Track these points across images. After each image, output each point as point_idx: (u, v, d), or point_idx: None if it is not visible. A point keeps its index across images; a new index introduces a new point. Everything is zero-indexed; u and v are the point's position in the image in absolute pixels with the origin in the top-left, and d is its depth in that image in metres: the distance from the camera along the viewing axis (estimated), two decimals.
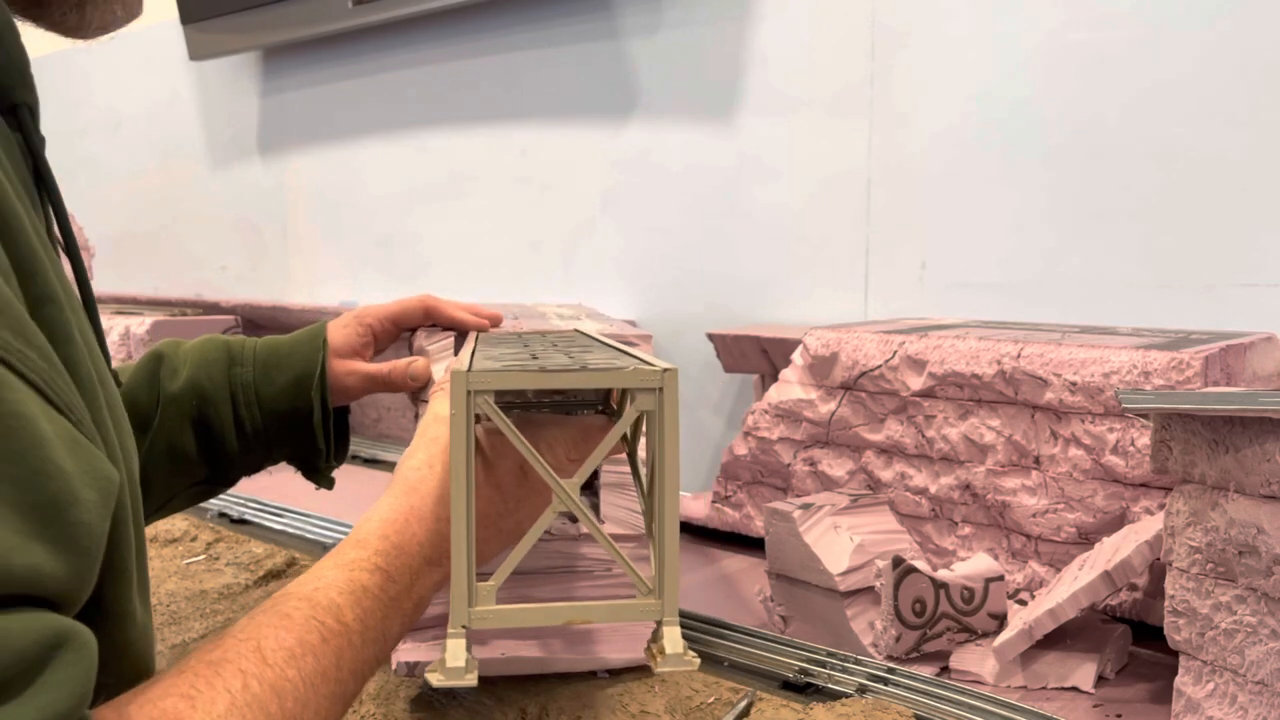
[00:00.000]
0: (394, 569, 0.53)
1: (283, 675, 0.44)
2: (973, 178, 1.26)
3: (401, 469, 0.59)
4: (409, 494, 0.57)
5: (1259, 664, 0.64)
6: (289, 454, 0.84)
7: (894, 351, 0.99)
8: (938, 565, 0.87)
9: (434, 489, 0.57)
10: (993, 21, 1.23)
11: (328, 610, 0.48)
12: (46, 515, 0.33)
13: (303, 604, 0.48)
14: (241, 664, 0.43)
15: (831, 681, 0.77)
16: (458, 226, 1.85)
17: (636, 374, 0.43)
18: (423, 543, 0.55)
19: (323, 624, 0.47)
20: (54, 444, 0.34)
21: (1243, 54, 1.07)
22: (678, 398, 0.43)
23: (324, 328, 0.83)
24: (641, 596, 0.47)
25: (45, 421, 0.34)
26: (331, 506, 1.18)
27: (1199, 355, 0.84)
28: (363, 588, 0.51)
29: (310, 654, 0.46)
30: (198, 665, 0.43)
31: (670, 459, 0.44)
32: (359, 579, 0.51)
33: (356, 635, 0.49)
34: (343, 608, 0.49)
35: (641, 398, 0.43)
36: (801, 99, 1.39)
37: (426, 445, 0.60)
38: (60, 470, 0.34)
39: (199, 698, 0.41)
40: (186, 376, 0.79)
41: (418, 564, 0.54)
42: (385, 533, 0.54)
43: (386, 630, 0.51)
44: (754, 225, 1.44)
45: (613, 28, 1.58)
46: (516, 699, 0.74)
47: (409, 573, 0.53)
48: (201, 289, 2.34)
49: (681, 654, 0.45)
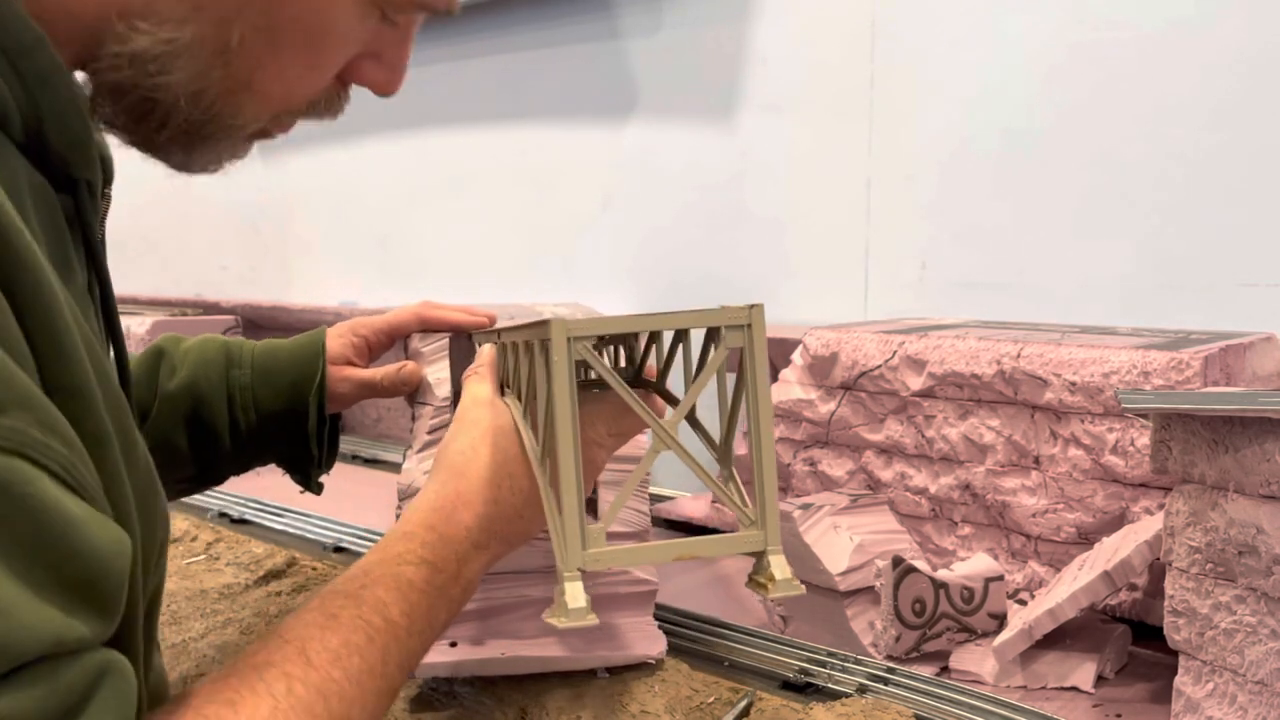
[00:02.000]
0: (439, 559, 0.53)
1: (328, 676, 0.44)
2: (973, 178, 1.26)
3: (445, 454, 0.59)
4: (456, 478, 0.57)
5: (1259, 664, 0.64)
6: (279, 457, 0.84)
7: (894, 351, 0.99)
8: (937, 565, 0.87)
9: (480, 472, 0.57)
10: (993, 22, 1.23)
11: (374, 609, 0.49)
12: (85, 591, 0.36)
13: (349, 603, 0.49)
14: (286, 667, 0.44)
15: (831, 681, 0.77)
16: (457, 226, 1.85)
17: (725, 313, 0.46)
18: (470, 527, 0.55)
19: (369, 623, 0.48)
20: (84, 524, 0.37)
21: (1243, 54, 1.07)
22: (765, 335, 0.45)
23: (323, 334, 0.83)
24: (744, 529, 0.49)
25: (72, 505, 0.37)
26: (332, 506, 1.18)
27: (1198, 355, 0.84)
28: (409, 582, 0.51)
29: (356, 654, 0.46)
30: (243, 669, 0.43)
31: (763, 390, 0.46)
32: (404, 574, 0.51)
33: (403, 630, 0.49)
34: (389, 604, 0.49)
35: (730, 335, 0.46)
36: (801, 99, 1.39)
37: (468, 429, 0.60)
38: (92, 549, 0.37)
39: (242, 703, 0.41)
40: (184, 376, 0.80)
41: (465, 549, 0.55)
42: (431, 522, 0.55)
43: (433, 620, 0.52)
44: (754, 225, 1.44)
45: (613, 28, 1.58)
46: (516, 699, 0.74)
47: (456, 559, 0.54)
48: (202, 289, 2.34)
49: (791, 579, 0.47)
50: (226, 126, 0.51)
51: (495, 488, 0.57)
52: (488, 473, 0.57)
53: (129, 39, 0.46)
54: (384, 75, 0.56)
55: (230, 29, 0.47)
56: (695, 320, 0.47)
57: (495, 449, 0.58)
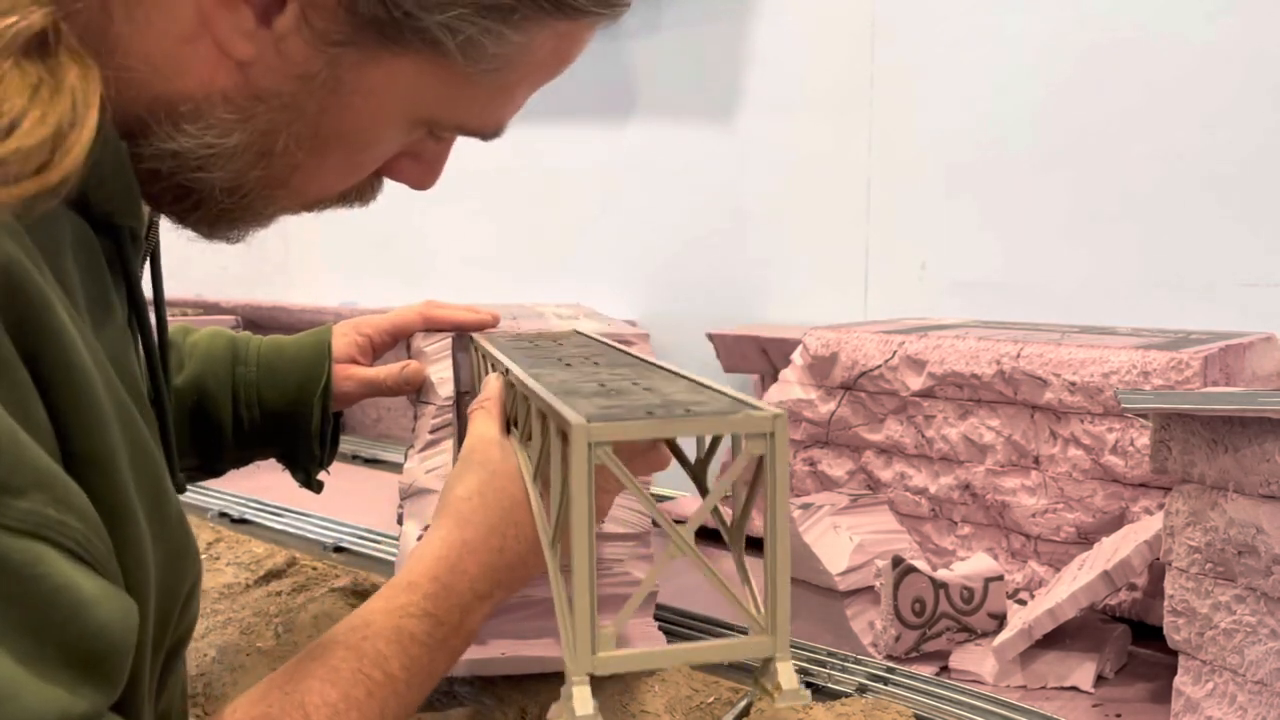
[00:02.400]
0: (442, 611, 0.53)
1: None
2: (973, 177, 1.26)
3: (449, 498, 0.58)
4: (461, 527, 0.56)
5: (1258, 664, 0.64)
6: (280, 453, 0.84)
7: (894, 351, 0.99)
8: (937, 565, 0.88)
9: (485, 520, 0.56)
10: (992, 22, 1.23)
11: (374, 663, 0.49)
12: (91, 668, 0.38)
13: (350, 655, 0.49)
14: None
15: (831, 681, 0.77)
16: (457, 226, 1.86)
17: (749, 420, 0.45)
18: (474, 578, 0.55)
19: (369, 677, 0.48)
20: (97, 604, 0.38)
21: (1242, 54, 1.07)
22: (788, 441, 0.45)
23: (329, 333, 0.83)
24: (755, 634, 0.49)
25: (84, 581, 0.38)
26: (332, 506, 1.18)
27: (1198, 355, 0.84)
28: (410, 635, 0.51)
29: (355, 709, 0.47)
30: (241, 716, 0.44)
31: (782, 498, 0.45)
32: (406, 626, 0.51)
33: (402, 684, 0.50)
34: (389, 658, 0.50)
35: (752, 443, 0.45)
36: (801, 99, 1.39)
37: (475, 471, 0.58)
38: (102, 627, 0.38)
39: None
40: (191, 372, 0.80)
41: (468, 600, 0.54)
42: (435, 573, 0.54)
43: (433, 671, 0.52)
44: (754, 225, 1.44)
45: (613, 28, 1.58)
46: (516, 699, 0.74)
47: (459, 610, 0.54)
48: (202, 289, 2.34)
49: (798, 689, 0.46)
50: (257, 215, 0.52)
51: (500, 536, 0.56)
52: (493, 520, 0.56)
53: (174, 138, 0.47)
54: (420, 173, 0.58)
55: (276, 138, 0.48)
56: (719, 426, 0.46)
57: (501, 495, 0.57)
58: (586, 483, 0.44)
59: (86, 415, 0.40)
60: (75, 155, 0.39)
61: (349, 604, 0.92)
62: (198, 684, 0.81)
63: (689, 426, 0.46)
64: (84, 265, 0.46)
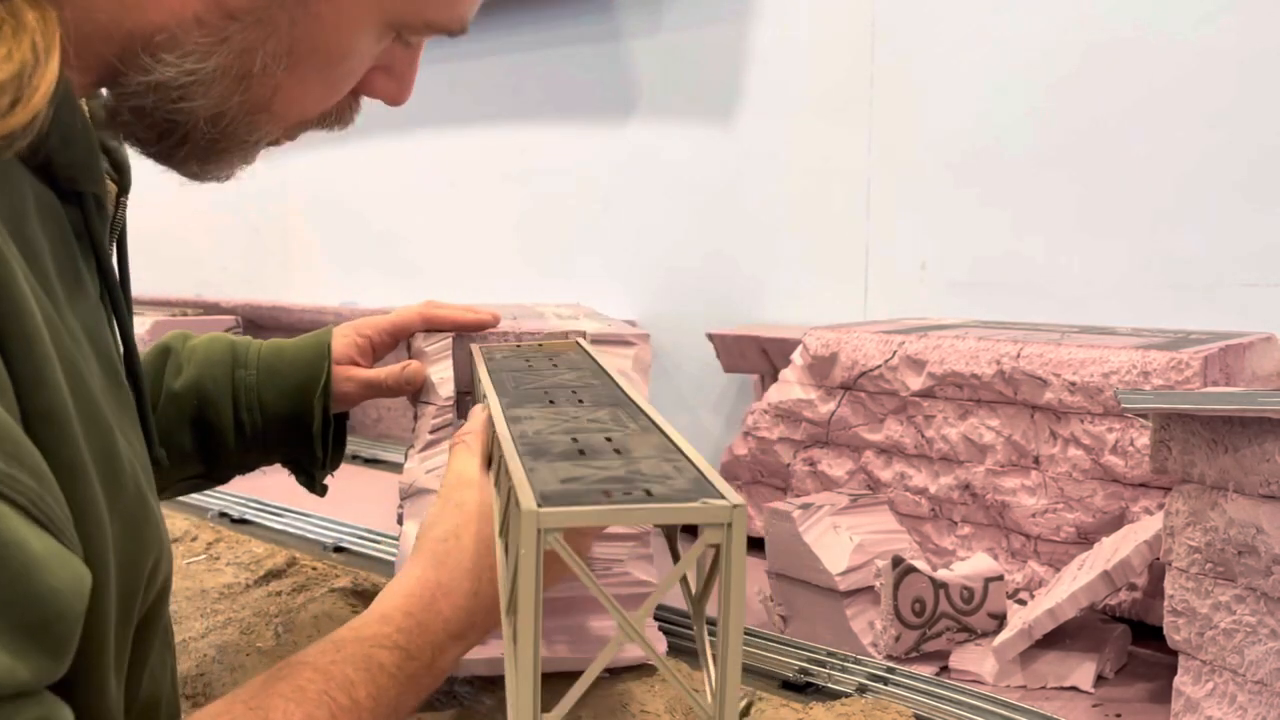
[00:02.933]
0: (414, 646, 0.52)
1: None
2: (973, 177, 1.26)
3: (426, 538, 0.57)
4: (437, 568, 0.56)
5: (1258, 663, 0.64)
6: (284, 457, 0.84)
7: (894, 351, 0.99)
8: (937, 565, 0.88)
9: (462, 562, 0.56)
10: (992, 22, 1.23)
11: (341, 687, 0.48)
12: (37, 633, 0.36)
13: (317, 676, 0.48)
14: None
15: (831, 681, 0.77)
16: (457, 226, 1.86)
17: (706, 510, 0.44)
18: (448, 619, 0.54)
19: (334, 700, 0.48)
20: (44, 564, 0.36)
21: (1242, 54, 1.07)
22: (745, 533, 0.44)
23: (329, 335, 0.83)
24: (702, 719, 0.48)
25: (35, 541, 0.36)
26: (332, 507, 1.18)
27: (1198, 355, 0.84)
28: (379, 665, 0.51)
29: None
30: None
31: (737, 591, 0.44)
32: (376, 656, 0.51)
33: (368, 713, 0.49)
34: (356, 684, 0.49)
35: (709, 532, 0.44)
36: (801, 99, 1.39)
37: (452, 513, 0.58)
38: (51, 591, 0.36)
39: None
40: (190, 376, 0.80)
41: (441, 639, 0.54)
42: (409, 609, 0.54)
43: (400, 705, 0.51)
44: (754, 225, 1.44)
45: (613, 28, 1.58)
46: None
47: (431, 649, 0.53)
48: (202, 289, 2.34)
49: None
50: (242, 143, 0.52)
51: (475, 579, 0.56)
52: (469, 563, 0.56)
53: (153, 69, 0.47)
54: (394, 87, 0.58)
55: (253, 57, 0.48)
56: (676, 516, 0.45)
57: (478, 538, 0.57)
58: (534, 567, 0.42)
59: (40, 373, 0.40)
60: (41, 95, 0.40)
61: (349, 604, 0.92)
62: (198, 684, 0.81)
63: (643, 515, 0.45)
64: (52, 236, 0.46)
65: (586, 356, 0.74)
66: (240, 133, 0.51)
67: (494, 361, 0.73)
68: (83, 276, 0.48)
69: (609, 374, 0.67)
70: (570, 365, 0.71)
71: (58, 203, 0.47)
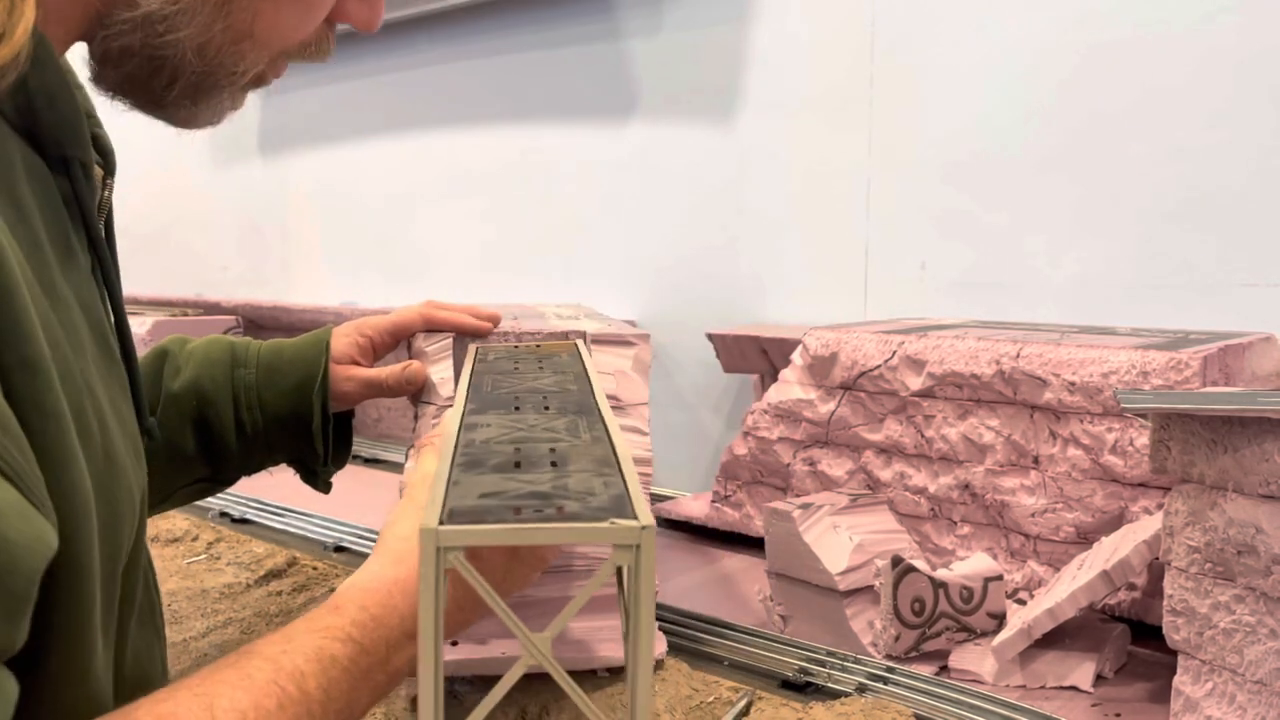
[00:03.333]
0: (369, 641, 0.51)
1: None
2: (972, 178, 1.26)
3: (387, 536, 0.57)
4: (395, 564, 0.55)
5: (1257, 663, 0.64)
6: (289, 456, 0.84)
7: (893, 351, 0.99)
8: (937, 565, 0.88)
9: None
10: (992, 22, 1.23)
11: (290, 677, 0.47)
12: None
13: (266, 665, 0.47)
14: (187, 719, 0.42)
15: (831, 681, 0.77)
16: (458, 226, 1.86)
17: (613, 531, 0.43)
18: (404, 616, 0.53)
19: (283, 689, 0.46)
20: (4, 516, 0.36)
21: (1242, 54, 1.07)
22: (654, 555, 0.43)
23: (329, 333, 0.83)
24: None
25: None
26: (332, 506, 1.18)
27: (1197, 355, 0.84)
28: (331, 657, 0.49)
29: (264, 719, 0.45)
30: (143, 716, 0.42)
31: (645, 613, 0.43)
32: (329, 648, 0.49)
33: (318, 705, 0.47)
34: (307, 675, 0.48)
35: (619, 552, 0.43)
36: (801, 99, 1.39)
37: (414, 512, 0.57)
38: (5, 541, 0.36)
39: None
40: (189, 376, 0.80)
41: (397, 637, 0.52)
42: (364, 603, 0.52)
43: (353, 701, 0.50)
44: (754, 225, 1.45)
45: (613, 29, 1.58)
46: (517, 698, 0.74)
47: (385, 645, 0.52)
48: (203, 289, 2.34)
49: None
50: (230, 74, 0.54)
51: None
52: None
53: (137, 4, 0.49)
54: (366, 12, 0.60)
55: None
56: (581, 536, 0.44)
57: None
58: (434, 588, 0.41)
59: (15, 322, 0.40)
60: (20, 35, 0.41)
61: None
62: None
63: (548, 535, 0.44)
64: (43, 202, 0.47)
65: (577, 360, 0.73)
66: (227, 63, 0.53)
67: (483, 363, 0.74)
68: (74, 247, 0.49)
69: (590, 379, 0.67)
70: (556, 369, 0.71)
71: (47, 171, 0.48)
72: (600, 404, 0.61)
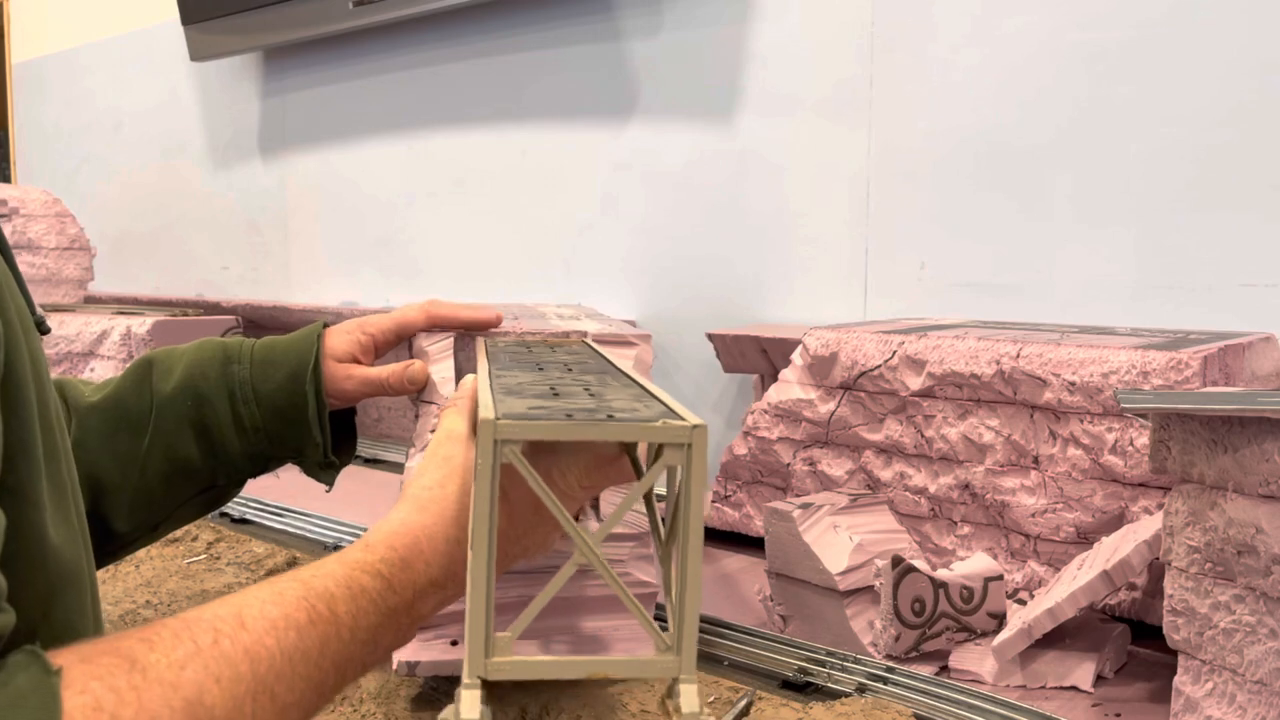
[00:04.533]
0: (397, 581, 0.52)
1: (259, 641, 0.43)
2: (972, 178, 1.26)
3: (411, 488, 0.58)
4: (420, 511, 0.55)
5: (1258, 663, 0.64)
6: (291, 450, 0.84)
7: (893, 351, 0.99)
8: (937, 565, 0.88)
9: (445, 511, 0.55)
10: (992, 22, 1.23)
11: (321, 597, 0.47)
12: None
13: (296, 584, 0.47)
14: (217, 624, 0.43)
15: (831, 681, 0.77)
16: (458, 226, 1.86)
17: (665, 429, 0.43)
18: (429, 563, 0.53)
19: (313, 607, 0.46)
20: None
21: (1241, 53, 1.07)
22: (706, 455, 0.43)
23: (320, 325, 0.83)
24: (660, 652, 0.47)
25: None
26: (332, 506, 1.18)
27: (1197, 355, 0.84)
28: (361, 588, 0.50)
29: (294, 629, 0.45)
30: (173, 619, 0.43)
31: (695, 515, 0.43)
32: (359, 579, 0.50)
33: (346, 630, 0.48)
34: (337, 598, 0.48)
35: (669, 453, 0.44)
36: (801, 99, 1.39)
37: (439, 464, 0.58)
38: None
39: (159, 642, 0.40)
40: (181, 376, 0.79)
41: (422, 583, 0.53)
42: (393, 544, 0.53)
43: (378, 637, 0.50)
44: (754, 225, 1.45)
45: (613, 29, 1.58)
46: (517, 698, 0.74)
47: (411, 589, 0.52)
48: (203, 289, 2.34)
49: (698, 713, 0.45)
50: None
51: (460, 528, 0.55)
52: (452, 512, 0.55)
53: None
54: None
55: None
56: (633, 434, 0.45)
57: (463, 489, 0.56)
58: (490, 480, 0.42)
59: None
60: None
61: None
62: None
63: (602, 431, 0.45)
64: None
65: (589, 350, 0.74)
66: None
67: (495, 348, 0.74)
68: None
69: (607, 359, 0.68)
70: (570, 352, 0.72)
71: None
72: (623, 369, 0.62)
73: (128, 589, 1.00)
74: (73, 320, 1.60)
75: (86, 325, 1.58)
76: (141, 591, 1.00)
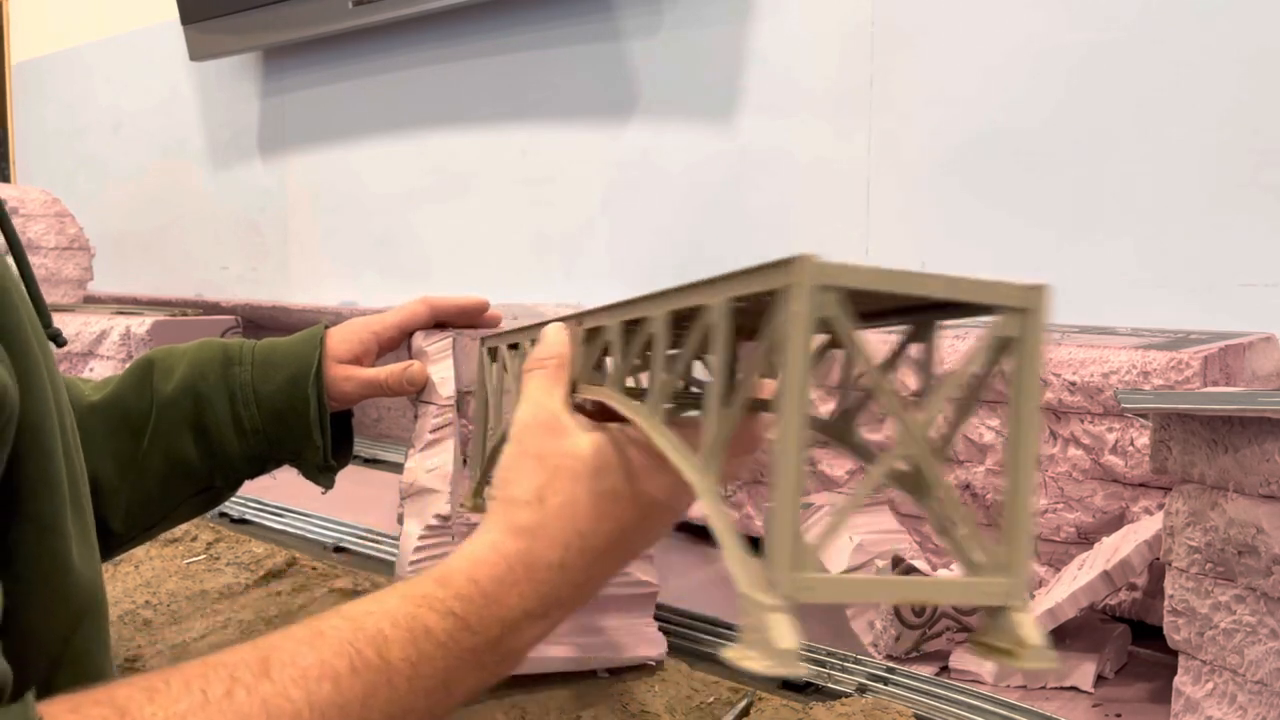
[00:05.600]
0: (476, 619, 0.45)
1: (283, 693, 0.38)
2: (973, 177, 1.26)
3: (504, 496, 0.49)
4: (515, 535, 0.47)
5: (1258, 663, 0.64)
6: (289, 452, 0.84)
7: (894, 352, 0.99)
8: (937, 565, 0.88)
9: (546, 532, 0.47)
10: (992, 21, 1.23)
11: (370, 640, 0.42)
12: None
13: (344, 623, 0.42)
14: (237, 671, 0.38)
15: (831, 681, 0.77)
16: (458, 226, 1.86)
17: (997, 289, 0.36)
18: (525, 594, 0.46)
19: (358, 653, 0.41)
20: None
21: (1242, 54, 1.07)
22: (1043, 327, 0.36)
23: (322, 328, 0.83)
24: (986, 574, 0.37)
25: None
26: (332, 506, 1.18)
27: (1198, 355, 0.84)
28: (425, 629, 0.43)
29: (329, 679, 0.39)
30: (194, 663, 0.39)
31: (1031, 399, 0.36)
32: (423, 618, 0.43)
33: (401, 678, 0.42)
34: (391, 642, 0.42)
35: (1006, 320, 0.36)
36: (801, 99, 1.39)
37: (533, 467, 0.48)
38: None
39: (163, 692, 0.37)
40: (182, 377, 0.79)
41: (516, 617, 0.46)
42: (476, 576, 0.46)
43: (450, 681, 0.44)
44: (754, 225, 1.44)
45: (613, 29, 1.58)
46: (517, 699, 0.74)
47: (499, 625, 0.45)
48: (202, 289, 2.34)
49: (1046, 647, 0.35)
50: None
51: (563, 549, 0.47)
52: (555, 531, 0.47)
53: None
54: None
55: None
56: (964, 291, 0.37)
57: (566, 501, 0.47)
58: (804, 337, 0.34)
59: None
60: None
61: None
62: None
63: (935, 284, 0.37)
64: None
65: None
66: None
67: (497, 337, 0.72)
68: None
69: None
70: None
71: None
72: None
73: (127, 589, 1.00)
74: (72, 320, 1.61)
75: (86, 325, 1.58)
76: (141, 592, 1.00)
